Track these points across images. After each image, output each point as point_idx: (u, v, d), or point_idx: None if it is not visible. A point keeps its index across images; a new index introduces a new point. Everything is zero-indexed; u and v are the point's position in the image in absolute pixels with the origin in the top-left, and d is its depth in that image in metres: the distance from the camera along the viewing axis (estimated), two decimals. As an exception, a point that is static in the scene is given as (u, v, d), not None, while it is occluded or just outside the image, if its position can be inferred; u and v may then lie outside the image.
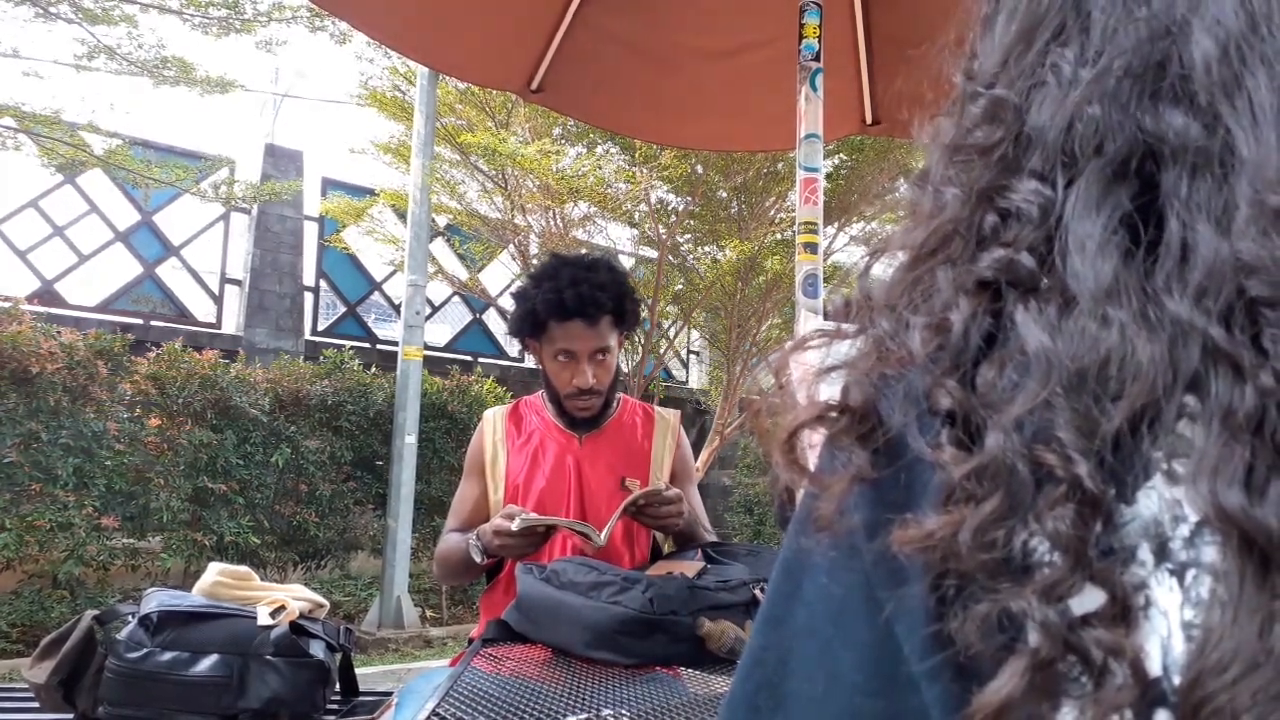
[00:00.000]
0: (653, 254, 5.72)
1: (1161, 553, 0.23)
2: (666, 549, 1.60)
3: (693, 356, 9.07)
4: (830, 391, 0.32)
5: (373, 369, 5.48)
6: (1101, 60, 0.29)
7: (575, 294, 1.45)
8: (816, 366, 0.32)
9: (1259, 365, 0.22)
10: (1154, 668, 0.22)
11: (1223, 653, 0.20)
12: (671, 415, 1.64)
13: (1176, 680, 0.22)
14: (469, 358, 7.41)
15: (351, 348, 5.67)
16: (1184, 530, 0.23)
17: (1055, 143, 0.29)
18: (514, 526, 1.27)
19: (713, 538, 1.55)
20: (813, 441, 0.32)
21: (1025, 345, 0.26)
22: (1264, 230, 0.23)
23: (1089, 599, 0.23)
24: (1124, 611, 0.23)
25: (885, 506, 0.29)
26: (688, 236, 5.97)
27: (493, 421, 1.58)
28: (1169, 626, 0.22)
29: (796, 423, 0.32)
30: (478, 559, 1.39)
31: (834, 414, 0.31)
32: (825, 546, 0.30)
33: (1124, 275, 0.25)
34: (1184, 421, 0.24)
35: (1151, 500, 0.24)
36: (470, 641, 1.43)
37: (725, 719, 0.32)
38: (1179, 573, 0.23)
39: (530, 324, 1.49)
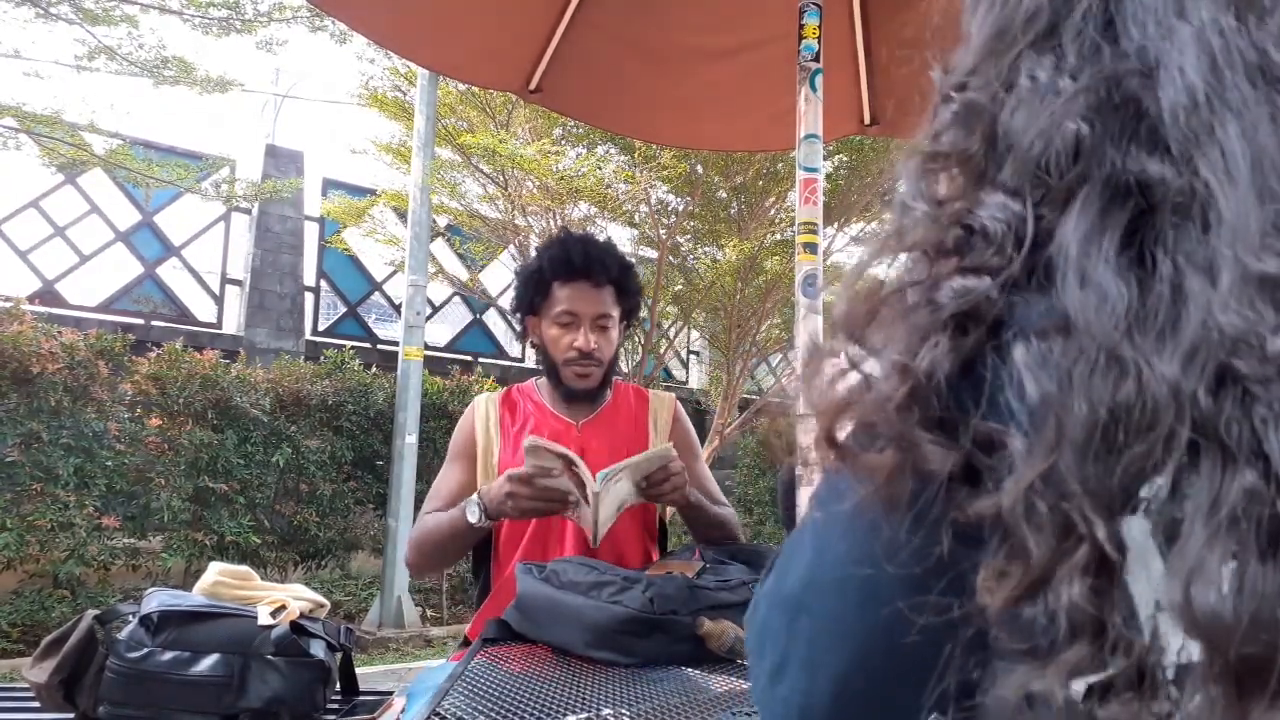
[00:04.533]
0: (653, 254, 5.73)
1: (1165, 566, 0.22)
2: (676, 541, 1.59)
3: (693, 356, 9.07)
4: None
5: (373, 369, 5.48)
6: (1082, 78, 0.27)
7: (583, 253, 1.47)
8: (832, 405, 0.31)
9: (1248, 451, 0.21)
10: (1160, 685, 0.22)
11: None
12: (666, 395, 1.64)
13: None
14: (469, 358, 7.41)
15: (352, 348, 5.67)
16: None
17: (1029, 156, 0.27)
18: (529, 456, 1.23)
19: (729, 508, 1.54)
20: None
21: (1026, 392, 0.25)
22: (1249, 300, 0.21)
23: (1112, 670, 0.23)
24: (1143, 683, 0.22)
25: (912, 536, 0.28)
26: (687, 237, 5.97)
27: (485, 408, 1.54)
28: (1171, 649, 0.22)
29: (830, 410, 0.31)
30: (473, 518, 1.32)
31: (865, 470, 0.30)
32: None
33: (1133, 311, 0.24)
34: (1176, 492, 0.22)
35: (1166, 510, 0.23)
36: (466, 641, 1.42)
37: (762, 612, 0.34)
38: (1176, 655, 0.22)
39: (534, 286, 1.49)
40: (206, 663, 1.18)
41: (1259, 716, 0.19)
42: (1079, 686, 0.23)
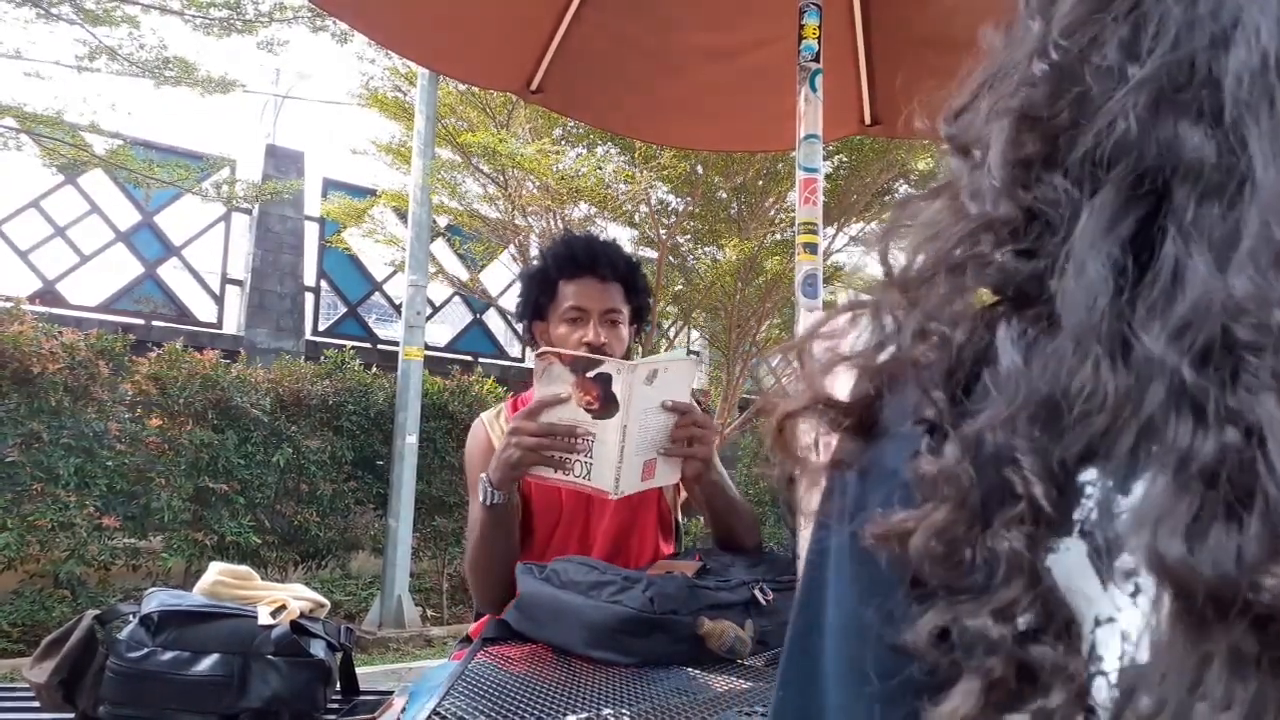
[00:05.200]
0: (653, 254, 5.73)
1: (1102, 585, 0.23)
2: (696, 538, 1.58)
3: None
4: (844, 381, 0.32)
5: (373, 369, 5.48)
6: (1148, 64, 0.26)
7: (588, 249, 1.46)
8: (831, 358, 0.32)
9: (1226, 415, 0.21)
10: (1098, 694, 0.23)
11: (1139, 705, 0.21)
12: None
13: (1106, 714, 0.22)
14: (469, 358, 7.41)
15: (352, 348, 5.67)
16: (1127, 564, 0.23)
17: (1092, 145, 0.27)
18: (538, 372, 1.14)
19: (750, 512, 1.47)
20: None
21: (999, 363, 0.26)
22: (1264, 268, 0.21)
23: (1039, 616, 0.24)
24: (1069, 634, 0.23)
25: (868, 494, 0.29)
26: (687, 237, 5.97)
27: (496, 427, 1.49)
28: (1111, 656, 0.23)
29: (786, 411, 0.32)
30: (482, 497, 1.25)
31: (823, 406, 0.32)
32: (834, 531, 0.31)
33: (1111, 308, 0.24)
34: (1134, 461, 0.23)
35: (1099, 530, 0.24)
36: (468, 640, 1.42)
37: (784, 654, 0.34)
38: (1114, 608, 0.23)
39: (540, 287, 1.46)
40: (207, 663, 1.18)
41: (1213, 651, 0.20)
42: (1010, 627, 0.23)
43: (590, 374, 1.15)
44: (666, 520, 1.55)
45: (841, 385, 0.32)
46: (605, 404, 1.15)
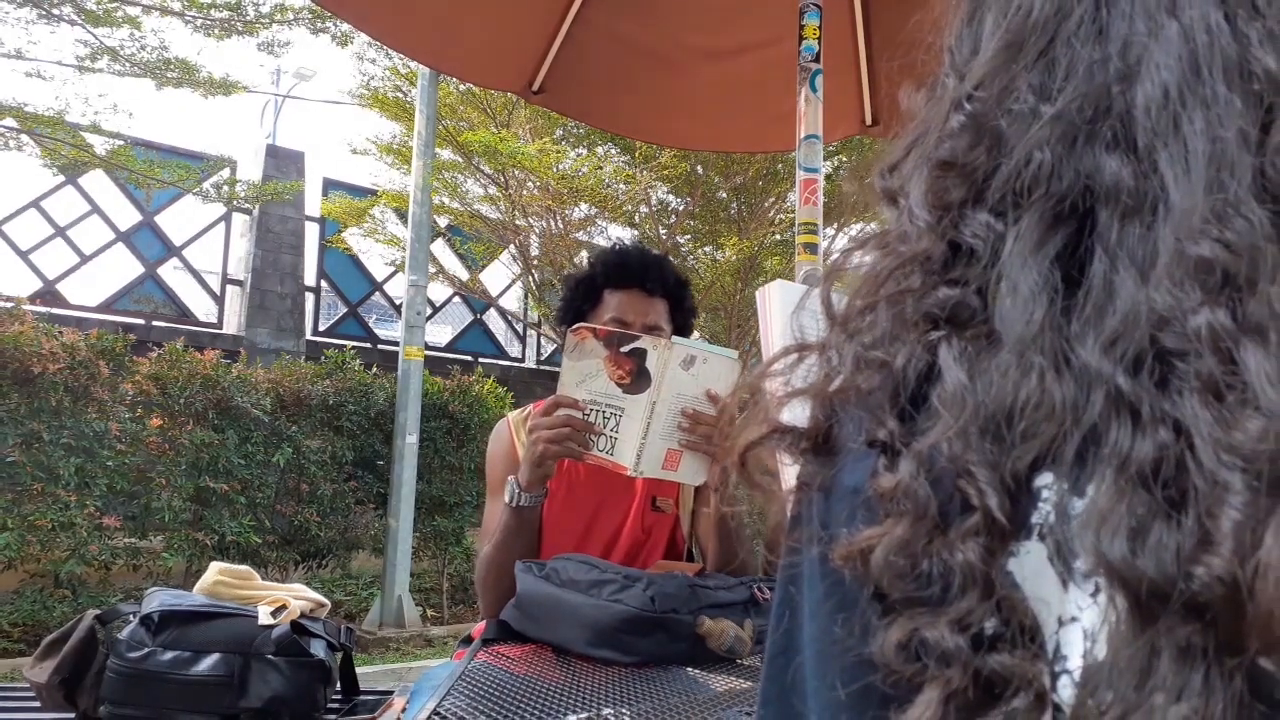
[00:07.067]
0: (653, 254, 5.73)
1: (1063, 585, 0.24)
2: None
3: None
4: (798, 411, 0.33)
5: (374, 369, 5.48)
6: (1059, 101, 0.29)
7: (639, 261, 1.45)
8: (786, 392, 0.34)
9: (1160, 417, 0.22)
10: (1062, 692, 0.23)
11: (1100, 700, 0.21)
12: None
13: (1069, 711, 0.23)
14: (470, 358, 7.41)
15: (353, 348, 5.67)
16: (1082, 566, 0.24)
17: (1011, 177, 0.29)
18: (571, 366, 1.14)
19: (753, 556, 1.42)
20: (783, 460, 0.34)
21: (944, 381, 0.27)
22: (1179, 281, 0.23)
23: (997, 623, 0.24)
24: (1028, 639, 0.24)
25: (832, 512, 0.30)
26: (688, 237, 5.97)
27: (522, 429, 1.45)
28: (1075, 655, 0.23)
29: (747, 442, 0.34)
30: (508, 498, 1.28)
31: (781, 433, 0.33)
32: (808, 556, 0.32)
33: (1048, 321, 0.26)
34: (1083, 465, 0.24)
35: (1057, 533, 0.25)
36: (468, 640, 1.42)
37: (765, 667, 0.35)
38: (1076, 608, 0.24)
39: (585, 293, 1.45)
40: (207, 662, 1.18)
41: (1162, 644, 0.21)
42: (965, 637, 0.24)
43: (625, 349, 1.16)
44: (679, 550, 1.49)
45: (798, 415, 0.33)
46: (637, 379, 1.16)
